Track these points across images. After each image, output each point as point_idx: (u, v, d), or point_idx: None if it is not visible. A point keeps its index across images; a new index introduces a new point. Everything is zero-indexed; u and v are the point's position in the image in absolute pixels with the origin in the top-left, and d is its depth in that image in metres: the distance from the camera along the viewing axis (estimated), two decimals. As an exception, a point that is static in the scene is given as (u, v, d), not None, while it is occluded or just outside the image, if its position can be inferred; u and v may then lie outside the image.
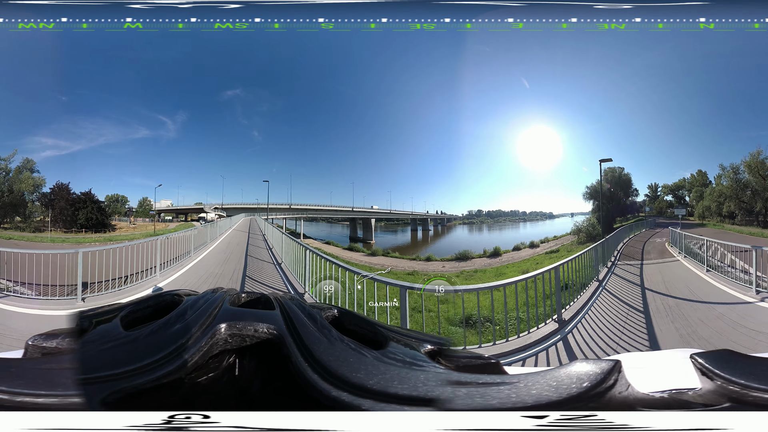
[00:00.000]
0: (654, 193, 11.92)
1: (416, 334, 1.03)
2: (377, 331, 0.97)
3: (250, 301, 1.03)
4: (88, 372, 0.72)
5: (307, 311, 0.92)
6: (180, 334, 0.78)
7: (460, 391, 0.76)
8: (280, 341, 0.77)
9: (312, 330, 0.84)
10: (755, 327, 5.09)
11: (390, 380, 0.75)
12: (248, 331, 0.78)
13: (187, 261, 10.13)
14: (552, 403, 0.74)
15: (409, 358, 0.85)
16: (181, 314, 0.87)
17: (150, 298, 1.05)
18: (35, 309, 6.35)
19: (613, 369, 0.79)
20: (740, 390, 0.79)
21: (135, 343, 0.79)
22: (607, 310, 5.81)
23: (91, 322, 0.89)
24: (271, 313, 0.85)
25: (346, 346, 0.83)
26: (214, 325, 0.78)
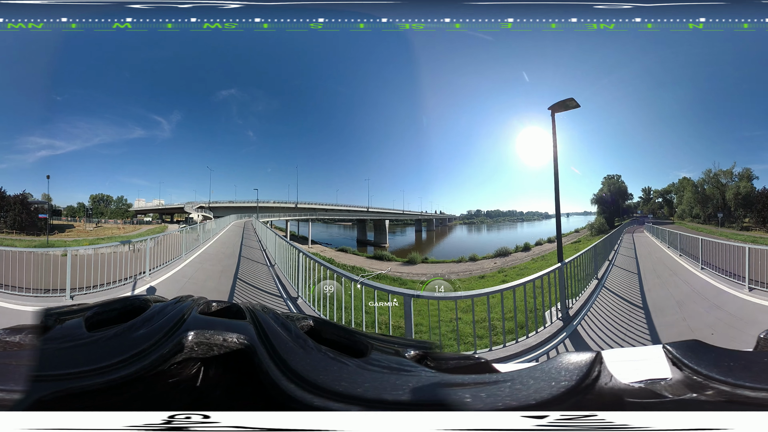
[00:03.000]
0: (647, 195, 14.85)
1: (398, 340, 1.02)
2: (357, 339, 0.96)
3: (220, 310, 1.01)
4: (42, 369, 0.71)
5: (280, 321, 0.91)
6: (143, 339, 0.77)
7: (462, 392, 0.75)
8: (250, 351, 0.76)
9: (286, 340, 0.83)
10: (669, 264, 9.01)
11: (381, 387, 0.74)
12: (216, 340, 0.77)
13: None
14: (552, 399, 0.74)
15: (395, 364, 0.84)
16: (147, 319, 0.86)
17: (117, 301, 1.03)
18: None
19: (595, 360, 0.80)
20: (702, 381, 0.80)
21: (95, 345, 0.78)
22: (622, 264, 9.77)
23: (56, 320, 0.89)
24: (241, 323, 0.84)
25: (324, 355, 0.82)
26: (181, 333, 0.77)
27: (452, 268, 12.81)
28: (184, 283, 7.90)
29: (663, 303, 6.24)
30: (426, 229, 19.18)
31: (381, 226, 17.89)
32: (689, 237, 8.91)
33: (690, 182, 13.21)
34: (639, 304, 6.44)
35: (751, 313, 5.23)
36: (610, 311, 6.08)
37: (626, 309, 6.26)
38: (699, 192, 12.71)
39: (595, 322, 5.69)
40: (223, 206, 16.40)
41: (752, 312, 5.27)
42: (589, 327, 5.58)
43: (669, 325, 5.55)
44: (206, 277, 8.60)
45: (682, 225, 12.76)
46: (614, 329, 5.59)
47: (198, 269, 9.08)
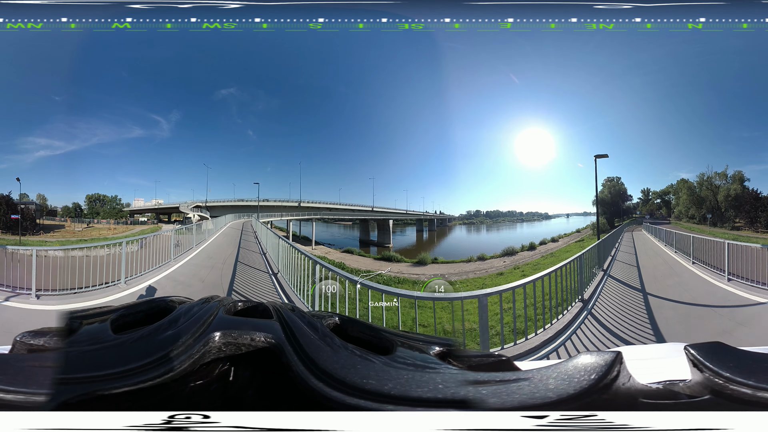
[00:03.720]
0: (646, 196, 15.55)
1: (422, 337, 1.02)
2: (382, 336, 0.96)
3: (246, 309, 1.01)
4: (68, 372, 0.71)
5: (306, 320, 0.91)
6: (171, 340, 0.77)
7: (485, 390, 0.76)
8: (278, 350, 0.76)
9: (313, 338, 0.83)
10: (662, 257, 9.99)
11: (407, 384, 0.74)
12: (244, 339, 0.77)
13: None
14: (570, 397, 0.74)
15: (420, 361, 0.85)
16: (173, 321, 0.86)
17: (143, 303, 1.03)
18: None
19: (616, 360, 0.80)
20: (722, 383, 0.80)
21: (122, 347, 0.78)
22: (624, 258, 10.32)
23: (80, 323, 0.89)
24: (268, 322, 0.84)
25: (351, 353, 0.82)
26: (208, 333, 0.77)
27: (463, 267, 12.95)
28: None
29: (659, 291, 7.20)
30: (427, 229, 19.13)
31: (385, 226, 17.72)
32: (682, 235, 10.04)
33: (686, 184, 13.95)
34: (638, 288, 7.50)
35: (723, 295, 6.34)
36: (616, 296, 7.15)
37: (630, 295, 7.23)
38: (694, 194, 13.56)
39: (606, 301, 6.76)
40: (221, 205, 15.98)
41: (724, 295, 6.39)
42: (600, 306, 6.57)
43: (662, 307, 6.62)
44: (198, 288, 7.65)
45: (678, 225, 13.60)
46: (621, 308, 6.67)
47: (191, 275, 8.30)
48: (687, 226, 13.17)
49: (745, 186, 12.49)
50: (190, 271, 8.68)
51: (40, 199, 13.63)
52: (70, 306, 6.31)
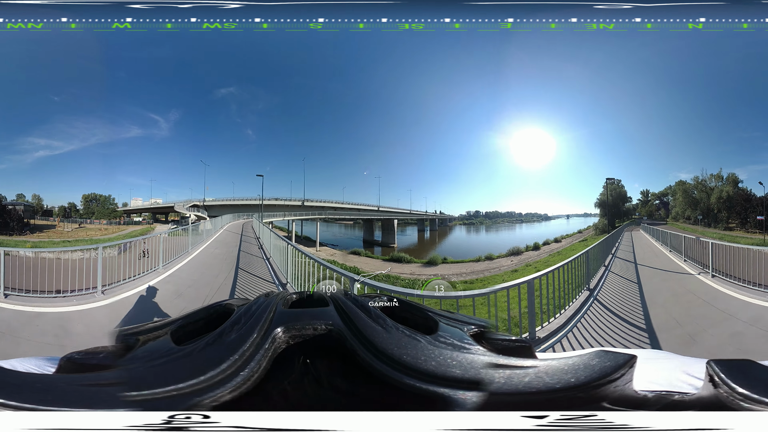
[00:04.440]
0: (645, 198, 16.19)
1: (461, 317, 1.05)
2: (427, 316, 1.00)
3: (302, 300, 1.03)
4: (140, 388, 0.70)
5: (360, 303, 0.93)
6: (238, 342, 0.77)
7: (498, 373, 0.78)
8: (340, 336, 0.79)
9: (368, 321, 0.85)
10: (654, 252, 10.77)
11: (445, 364, 0.77)
12: (307, 330, 0.79)
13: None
14: (554, 390, 0.75)
15: (458, 341, 0.87)
16: (235, 323, 0.86)
17: (200, 311, 1.04)
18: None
19: (627, 363, 0.80)
20: (741, 401, 0.77)
21: (191, 357, 0.78)
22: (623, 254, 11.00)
23: (136, 340, 0.89)
24: (325, 310, 0.86)
25: (402, 333, 0.84)
26: (272, 329, 0.79)
27: (474, 267, 13.20)
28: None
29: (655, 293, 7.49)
30: (429, 229, 19.09)
31: (389, 225, 17.59)
32: (676, 235, 10.48)
33: (683, 186, 14.57)
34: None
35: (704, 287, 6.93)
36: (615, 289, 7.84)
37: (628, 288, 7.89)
38: (689, 196, 14.23)
39: (607, 293, 7.47)
40: (219, 204, 15.57)
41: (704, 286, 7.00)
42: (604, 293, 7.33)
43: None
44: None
45: (674, 226, 14.16)
46: (621, 290, 7.56)
47: (186, 284, 7.43)
48: (682, 227, 13.85)
49: (740, 187, 12.93)
50: (169, 290, 7.33)
51: (36, 199, 13.61)
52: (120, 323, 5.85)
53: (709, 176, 13.76)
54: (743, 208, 12.64)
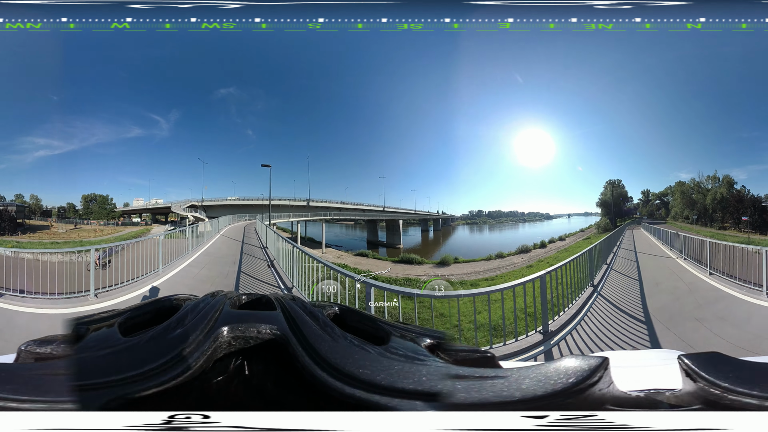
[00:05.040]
0: (646, 198, 16.98)
1: (415, 329, 1.03)
2: (378, 326, 0.98)
3: (250, 302, 1.02)
4: (85, 378, 0.71)
5: (308, 310, 0.92)
6: (181, 339, 0.78)
7: (459, 384, 0.76)
8: (284, 341, 0.77)
9: (315, 329, 0.84)
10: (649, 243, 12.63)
11: (396, 375, 0.76)
12: (251, 332, 0.78)
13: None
14: (537, 398, 0.74)
15: (411, 353, 0.86)
16: (181, 319, 0.86)
17: (148, 304, 1.04)
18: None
19: (600, 366, 0.80)
20: (720, 393, 0.79)
21: (134, 349, 0.78)
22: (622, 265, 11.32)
23: (87, 329, 0.88)
24: (272, 314, 0.85)
25: (350, 343, 0.83)
26: (216, 329, 0.78)
27: (487, 265, 13.49)
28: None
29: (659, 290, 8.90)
30: (433, 229, 19.02)
31: (394, 226, 17.41)
32: (665, 231, 12.39)
33: (681, 187, 15.40)
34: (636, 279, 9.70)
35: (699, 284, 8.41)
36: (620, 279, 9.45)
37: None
38: (687, 197, 15.18)
39: (612, 284, 8.92)
40: (219, 205, 15.25)
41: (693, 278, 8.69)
42: (608, 287, 8.59)
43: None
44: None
45: (673, 225, 15.06)
46: (624, 281, 9.10)
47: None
48: (680, 226, 14.67)
49: (736, 189, 13.91)
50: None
51: (33, 199, 13.57)
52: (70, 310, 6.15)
53: (705, 178, 14.69)
54: (735, 209, 13.71)
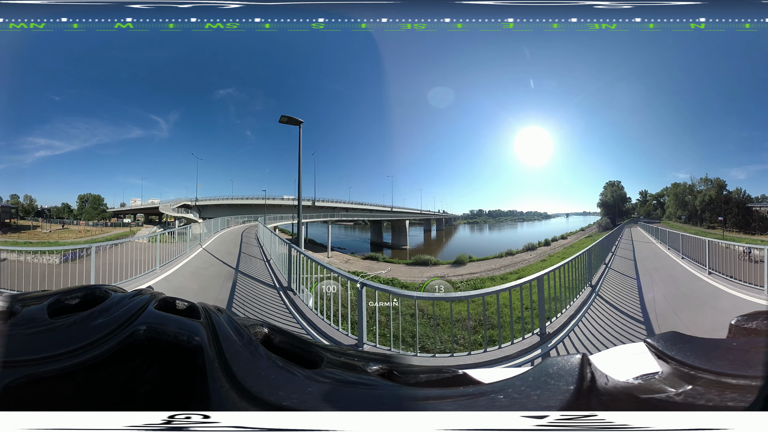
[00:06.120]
0: (644, 198, 17.91)
1: (360, 353, 1.03)
2: (311, 350, 0.97)
3: (177, 308, 1.01)
4: (9, 355, 0.72)
5: (234, 326, 0.92)
6: (99, 328, 0.78)
7: (441, 406, 0.75)
8: (197, 351, 0.77)
9: (236, 344, 0.84)
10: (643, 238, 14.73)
11: (326, 399, 0.75)
12: (167, 336, 0.78)
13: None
14: (563, 403, 0.74)
15: (352, 378, 0.85)
16: (105, 309, 0.87)
17: (78, 290, 1.04)
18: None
19: (584, 362, 0.81)
20: (689, 371, 0.81)
21: (56, 332, 0.79)
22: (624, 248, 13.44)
23: (21, 307, 0.89)
24: (194, 323, 0.85)
25: (273, 363, 0.82)
26: (134, 326, 0.78)
27: (501, 262, 14.23)
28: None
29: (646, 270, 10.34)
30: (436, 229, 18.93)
31: (400, 226, 17.17)
32: (656, 228, 14.22)
33: (676, 189, 16.44)
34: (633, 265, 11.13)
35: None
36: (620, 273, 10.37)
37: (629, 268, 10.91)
38: (680, 198, 16.38)
39: (611, 279, 9.66)
40: (215, 204, 14.83)
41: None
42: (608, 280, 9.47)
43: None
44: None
45: (666, 224, 16.13)
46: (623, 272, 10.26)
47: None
48: (672, 225, 15.77)
49: (728, 191, 14.87)
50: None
51: (27, 199, 13.58)
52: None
53: (699, 180, 15.85)
54: (722, 210, 14.85)
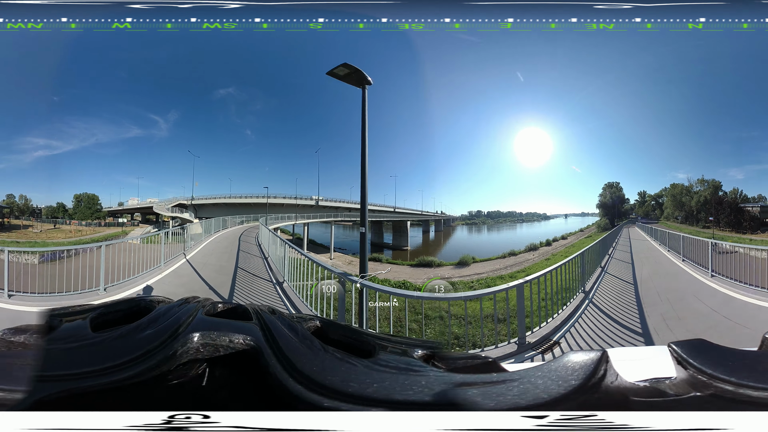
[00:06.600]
0: (642, 199, 18.35)
1: (406, 340, 1.02)
2: (364, 339, 0.97)
3: (226, 311, 1.00)
4: (46, 369, 0.72)
5: (287, 322, 0.91)
6: (149, 339, 0.78)
7: (471, 392, 0.76)
8: (256, 352, 0.76)
9: (293, 341, 0.83)
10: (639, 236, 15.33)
11: (390, 387, 0.75)
12: (222, 341, 0.77)
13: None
14: (560, 398, 0.75)
15: (404, 365, 0.85)
16: (153, 320, 0.86)
17: (122, 302, 1.04)
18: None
19: (602, 359, 0.81)
20: (706, 380, 0.80)
21: (101, 345, 0.78)
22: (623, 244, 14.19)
23: (61, 321, 0.89)
24: (247, 324, 0.84)
25: (331, 356, 0.82)
26: (187, 334, 0.77)
27: (505, 262, 14.48)
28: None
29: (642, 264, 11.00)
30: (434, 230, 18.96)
31: (401, 227, 17.16)
32: (651, 228, 14.75)
33: (673, 190, 16.83)
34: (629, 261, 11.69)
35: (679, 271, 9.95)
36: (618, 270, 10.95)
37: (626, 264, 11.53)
38: (677, 200, 16.88)
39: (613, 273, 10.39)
40: (212, 203, 14.63)
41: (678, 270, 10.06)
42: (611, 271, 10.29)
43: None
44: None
45: (664, 224, 16.57)
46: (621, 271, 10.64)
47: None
48: (669, 225, 16.17)
49: (725, 191, 15.33)
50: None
51: (23, 199, 13.53)
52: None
53: (696, 181, 16.33)
54: (716, 211, 15.33)
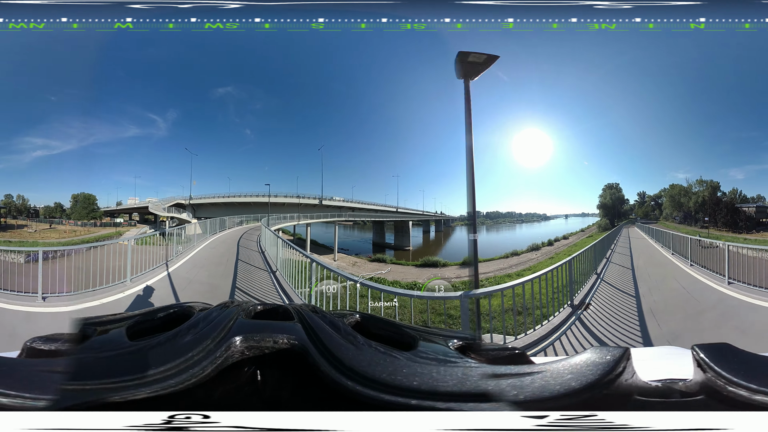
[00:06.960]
0: (642, 199, 18.54)
1: (442, 332, 1.03)
2: (403, 332, 0.97)
3: (266, 312, 0.99)
4: (78, 378, 0.71)
5: (328, 320, 0.91)
6: (190, 345, 0.76)
7: (504, 383, 0.77)
8: (303, 351, 0.75)
9: (336, 338, 0.83)
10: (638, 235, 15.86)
11: (433, 380, 0.75)
12: (267, 342, 0.76)
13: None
14: (576, 391, 0.76)
15: (442, 356, 0.85)
16: (192, 326, 0.85)
17: (160, 310, 1.03)
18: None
19: (623, 356, 0.82)
20: (722, 384, 0.79)
21: (139, 353, 0.78)
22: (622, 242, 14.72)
23: (95, 330, 0.88)
24: (290, 324, 0.83)
25: (375, 350, 0.82)
26: (229, 338, 0.76)
27: (509, 262, 14.72)
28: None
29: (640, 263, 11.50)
30: (434, 230, 18.97)
31: (403, 227, 17.10)
32: (649, 228, 15.53)
33: (672, 191, 17.11)
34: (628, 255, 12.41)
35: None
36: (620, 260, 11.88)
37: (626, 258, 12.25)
38: (675, 200, 17.12)
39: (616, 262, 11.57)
40: (211, 203, 14.40)
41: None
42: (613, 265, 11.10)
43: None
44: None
45: (663, 225, 16.79)
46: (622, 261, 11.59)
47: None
48: (668, 226, 16.44)
49: (724, 192, 15.59)
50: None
51: (20, 199, 13.53)
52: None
53: (695, 181, 16.48)
54: (713, 211, 15.63)
